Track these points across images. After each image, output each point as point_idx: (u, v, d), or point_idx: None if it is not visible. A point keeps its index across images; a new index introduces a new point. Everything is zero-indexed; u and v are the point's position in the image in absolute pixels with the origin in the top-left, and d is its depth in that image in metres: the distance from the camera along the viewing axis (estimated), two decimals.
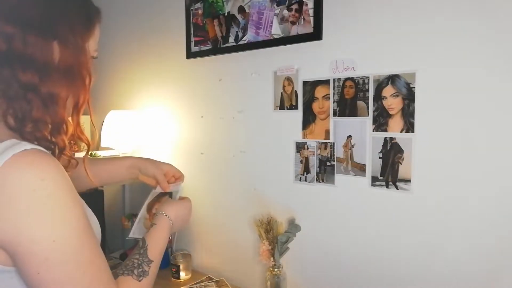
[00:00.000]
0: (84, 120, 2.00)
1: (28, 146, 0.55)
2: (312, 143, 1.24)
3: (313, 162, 1.24)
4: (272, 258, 1.27)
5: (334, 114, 1.19)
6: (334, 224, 1.22)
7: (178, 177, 1.02)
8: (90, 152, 0.72)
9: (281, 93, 1.31)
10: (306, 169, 1.26)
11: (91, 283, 0.57)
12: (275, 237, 1.27)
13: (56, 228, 0.54)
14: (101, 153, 1.77)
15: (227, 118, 1.49)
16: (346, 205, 1.19)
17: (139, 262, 0.74)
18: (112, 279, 0.63)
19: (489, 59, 0.92)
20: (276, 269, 1.28)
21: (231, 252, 1.53)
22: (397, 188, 1.08)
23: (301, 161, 1.27)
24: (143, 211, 0.98)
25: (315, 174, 1.24)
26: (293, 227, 1.27)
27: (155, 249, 0.79)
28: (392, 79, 1.06)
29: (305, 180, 1.27)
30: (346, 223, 1.19)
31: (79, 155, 0.77)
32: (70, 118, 0.66)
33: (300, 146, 1.27)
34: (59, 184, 0.55)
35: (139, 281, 0.71)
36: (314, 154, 1.24)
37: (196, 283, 1.49)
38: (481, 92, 0.93)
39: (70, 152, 0.66)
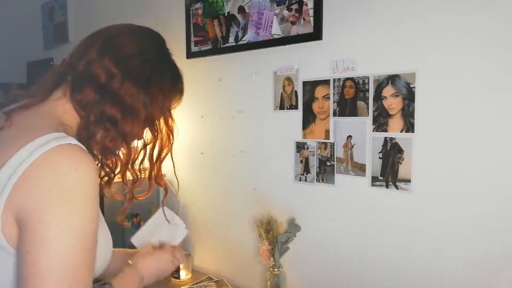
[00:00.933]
0: None
1: (74, 141, 0.61)
2: (312, 143, 1.24)
3: (313, 162, 1.24)
4: (272, 258, 1.27)
5: (334, 114, 1.19)
6: (334, 224, 1.22)
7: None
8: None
9: (281, 93, 1.31)
10: (306, 169, 1.26)
11: (72, 280, 0.57)
12: (275, 237, 1.27)
13: (67, 216, 0.57)
14: None
15: (227, 118, 1.49)
16: (346, 205, 1.19)
17: None
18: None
19: (490, 59, 0.91)
20: (276, 269, 1.28)
21: (231, 252, 1.53)
22: (397, 188, 1.08)
23: (301, 161, 1.27)
24: (153, 222, 1.04)
25: (315, 174, 1.24)
26: (293, 227, 1.27)
27: None
28: (392, 79, 1.06)
29: (305, 180, 1.27)
30: (346, 223, 1.19)
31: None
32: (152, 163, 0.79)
33: (300, 146, 1.27)
34: (88, 182, 0.60)
35: None
36: (314, 154, 1.24)
37: (196, 283, 1.49)
38: (481, 92, 0.93)
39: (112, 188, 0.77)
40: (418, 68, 1.02)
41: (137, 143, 0.79)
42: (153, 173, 0.80)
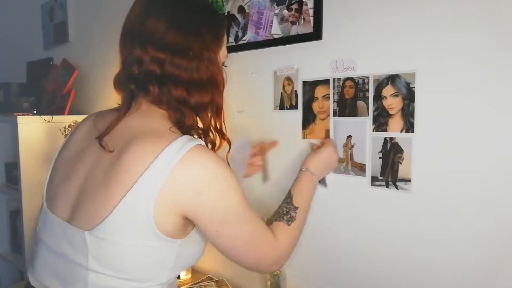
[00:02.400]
0: None
1: (201, 142, 0.72)
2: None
3: None
4: None
5: (334, 114, 1.19)
6: (334, 224, 1.22)
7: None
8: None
9: (281, 93, 1.31)
10: None
11: (254, 233, 0.78)
12: None
13: (230, 197, 0.72)
14: None
15: (227, 118, 1.48)
16: (346, 205, 1.19)
17: (287, 210, 0.94)
18: (267, 228, 0.83)
19: (490, 59, 0.91)
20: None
21: None
22: (397, 188, 1.08)
23: None
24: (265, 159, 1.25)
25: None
26: None
27: (299, 198, 0.97)
28: (392, 79, 1.06)
29: None
30: (346, 223, 1.19)
31: None
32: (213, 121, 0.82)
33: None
34: (227, 168, 0.73)
35: (289, 225, 0.91)
36: None
37: (196, 283, 1.49)
38: (481, 92, 0.93)
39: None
40: (418, 68, 1.02)
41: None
42: (217, 128, 0.84)
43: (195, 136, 0.77)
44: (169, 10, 0.76)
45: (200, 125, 0.82)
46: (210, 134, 0.82)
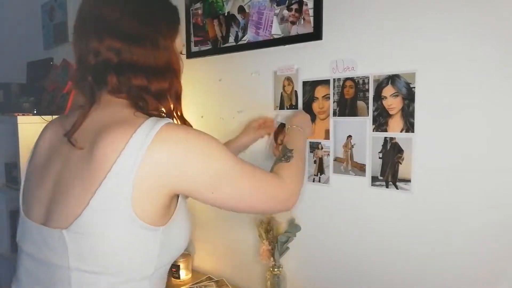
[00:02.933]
0: None
1: (169, 120, 0.72)
2: (327, 143, 1.21)
3: (328, 163, 1.21)
4: (272, 258, 1.27)
5: (334, 114, 1.18)
6: (334, 224, 1.22)
7: (263, 121, 1.33)
8: None
9: (281, 93, 1.31)
10: (320, 170, 1.26)
11: (253, 181, 0.78)
12: (275, 237, 1.27)
13: (212, 160, 0.72)
14: None
15: (227, 118, 1.49)
16: (346, 205, 1.19)
17: (283, 153, 0.99)
18: (268, 172, 0.86)
19: (490, 59, 0.91)
20: (276, 269, 1.28)
21: (231, 252, 1.53)
22: (397, 188, 1.08)
23: (315, 161, 1.25)
24: (271, 139, 1.33)
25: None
26: (293, 227, 1.27)
27: (292, 143, 1.03)
28: (392, 79, 1.06)
29: (319, 181, 1.27)
30: (346, 223, 1.19)
31: None
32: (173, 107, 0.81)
33: (314, 146, 1.25)
34: (199, 133, 0.73)
35: (287, 162, 0.96)
36: (329, 154, 1.21)
37: (196, 283, 1.49)
38: (481, 92, 0.93)
39: None
40: (418, 68, 1.02)
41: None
42: (178, 113, 0.83)
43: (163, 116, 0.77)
44: None
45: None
46: (174, 120, 0.82)
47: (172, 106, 0.80)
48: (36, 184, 0.78)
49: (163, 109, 0.79)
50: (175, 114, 0.82)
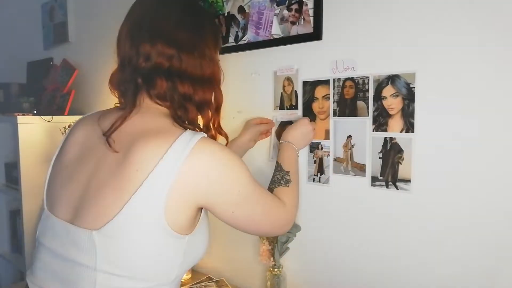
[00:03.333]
0: None
1: (205, 134, 0.74)
2: (326, 143, 1.21)
3: (328, 163, 1.21)
4: (272, 258, 1.27)
5: (334, 114, 1.19)
6: (334, 224, 1.22)
7: (266, 121, 1.33)
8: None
9: (281, 93, 1.31)
10: (320, 170, 1.26)
11: (265, 205, 0.84)
12: (275, 237, 1.27)
13: (240, 181, 0.76)
14: None
15: (227, 118, 1.49)
16: (346, 205, 1.19)
17: (281, 175, 1.03)
18: (275, 197, 0.90)
19: (490, 59, 0.91)
20: (276, 269, 1.28)
21: (231, 252, 1.53)
22: (397, 188, 1.08)
23: (315, 162, 1.24)
24: (274, 140, 1.32)
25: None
26: (293, 227, 1.27)
27: (287, 164, 1.06)
28: (392, 79, 1.06)
29: (319, 181, 1.27)
30: (346, 223, 1.19)
31: None
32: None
33: (314, 146, 1.24)
34: (232, 154, 0.76)
35: (288, 187, 1.01)
36: (329, 154, 1.21)
37: (196, 283, 1.49)
38: (481, 92, 0.93)
39: None
40: (418, 68, 1.02)
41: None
42: (215, 124, 0.87)
43: (197, 130, 0.79)
44: (179, 10, 0.81)
45: (199, 121, 0.85)
46: (212, 130, 0.86)
47: (210, 116, 0.84)
48: (65, 181, 0.78)
49: (200, 121, 0.83)
50: (212, 125, 0.85)
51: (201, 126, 0.83)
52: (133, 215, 0.67)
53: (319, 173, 1.24)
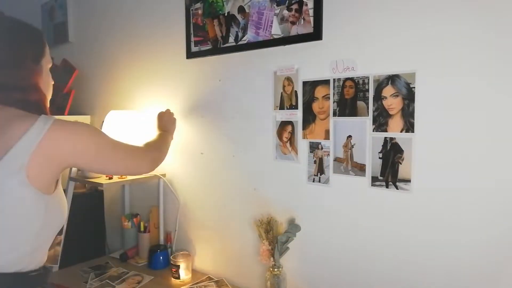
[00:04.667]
0: (84, 119, 2.00)
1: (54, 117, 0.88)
2: (326, 143, 1.22)
3: (328, 163, 1.22)
4: (272, 258, 1.27)
5: (334, 114, 1.19)
6: (334, 224, 1.22)
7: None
8: None
9: (281, 93, 1.31)
10: (320, 170, 1.26)
11: (124, 154, 1.04)
12: (275, 237, 1.27)
13: (98, 138, 0.94)
14: None
15: (227, 118, 1.49)
16: (346, 205, 1.19)
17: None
18: (134, 145, 1.11)
19: (490, 59, 0.91)
20: (276, 269, 1.28)
21: (231, 252, 1.53)
22: (397, 188, 1.08)
23: (315, 161, 1.25)
24: (277, 140, 1.33)
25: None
26: (293, 227, 1.27)
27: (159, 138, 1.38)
28: (392, 79, 1.06)
29: (319, 181, 1.27)
30: (346, 223, 1.19)
31: None
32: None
33: (314, 146, 1.24)
34: (85, 124, 0.93)
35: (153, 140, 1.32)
36: (329, 154, 1.21)
37: (196, 283, 1.49)
38: (481, 92, 0.93)
39: None
40: (418, 68, 1.02)
41: None
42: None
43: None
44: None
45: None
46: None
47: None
48: None
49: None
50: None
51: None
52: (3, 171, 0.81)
53: (319, 173, 1.24)
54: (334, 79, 1.18)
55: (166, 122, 1.50)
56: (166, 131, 1.46)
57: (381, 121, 1.09)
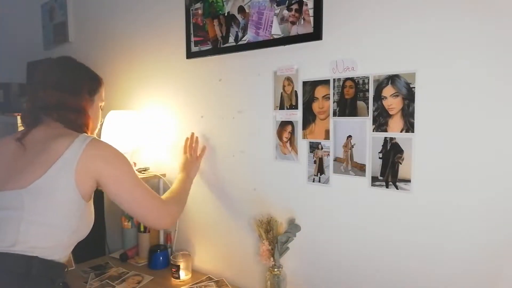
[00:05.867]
0: None
1: (92, 136, 1.08)
2: (326, 143, 1.22)
3: (328, 163, 1.22)
4: (272, 258, 1.27)
5: (334, 114, 1.18)
6: (334, 224, 1.22)
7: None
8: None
9: (281, 93, 1.31)
10: (320, 170, 1.26)
11: (144, 191, 1.10)
12: (275, 237, 1.27)
13: (128, 170, 1.07)
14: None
15: (227, 118, 1.49)
16: (346, 205, 1.19)
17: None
18: (155, 193, 1.15)
19: (490, 59, 0.91)
20: (276, 269, 1.28)
21: (231, 252, 1.53)
22: (397, 188, 1.08)
23: (315, 162, 1.25)
24: (277, 141, 1.34)
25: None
26: (293, 227, 1.27)
27: (182, 186, 1.38)
28: (392, 79, 1.06)
29: (313, 181, 1.27)
30: (346, 223, 1.19)
31: None
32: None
33: (314, 146, 1.24)
34: (120, 151, 1.09)
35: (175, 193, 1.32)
36: (329, 155, 1.21)
37: (196, 283, 1.49)
38: (481, 92, 0.93)
39: None
40: (418, 68, 1.02)
41: None
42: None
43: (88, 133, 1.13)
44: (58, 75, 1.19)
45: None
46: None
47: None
48: None
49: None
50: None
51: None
52: (52, 178, 0.96)
53: (319, 173, 1.24)
54: (334, 79, 1.18)
55: (190, 164, 1.49)
56: (188, 175, 1.44)
57: (381, 121, 1.09)
